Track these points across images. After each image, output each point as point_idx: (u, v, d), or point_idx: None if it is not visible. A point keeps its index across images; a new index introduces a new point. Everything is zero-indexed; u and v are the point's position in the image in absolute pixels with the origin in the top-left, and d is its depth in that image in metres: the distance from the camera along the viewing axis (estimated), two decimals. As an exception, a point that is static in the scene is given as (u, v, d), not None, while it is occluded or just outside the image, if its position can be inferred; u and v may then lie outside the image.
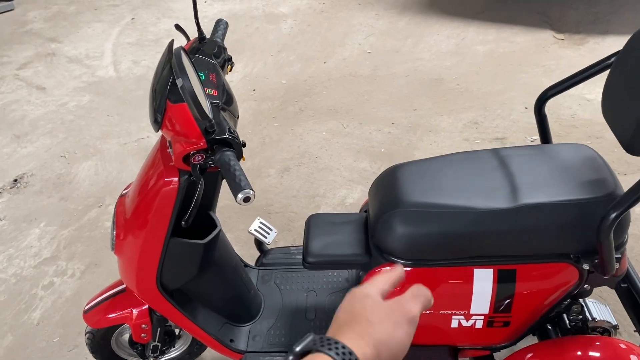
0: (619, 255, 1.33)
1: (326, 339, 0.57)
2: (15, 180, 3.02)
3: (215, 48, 1.44)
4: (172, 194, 1.31)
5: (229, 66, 1.52)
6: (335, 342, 0.56)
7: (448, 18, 4.26)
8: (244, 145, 1.20)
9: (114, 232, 1.48)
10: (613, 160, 2.59)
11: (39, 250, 2.56)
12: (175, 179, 1.30)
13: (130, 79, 3.91)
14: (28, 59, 4.28)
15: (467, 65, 3.63)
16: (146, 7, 4.89)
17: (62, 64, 4.18)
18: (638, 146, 1.24)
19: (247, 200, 1.05)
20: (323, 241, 1.55)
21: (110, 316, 1.65)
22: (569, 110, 3.07)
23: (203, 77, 1.30)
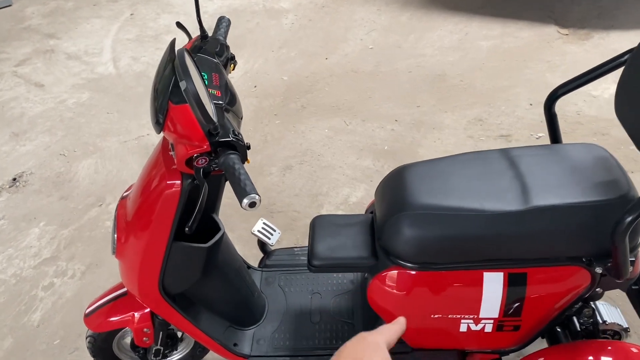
0: (633, 259, 1.30)
1: None
2: (14, 179, 2.99)
3: (217, 46, 1.40)
4: (175, 197, 1.28)
5: (232, 65, 1.48)
6: None
7: (450, 13, 4.21)
8: (248, 147, 1.16)
9: (115, 235, 1.45)
10: (620, 158, 2.52)
11: (38, 250, 2.53)
12: (178, 181, 1.27)
13: (130, 76, 3.87)
14: (26, 55, 4.23)
15: (471, 60, 3.59)
16: (145, 3, 4.84)
17: (60, 60, 4.13)
18: None
19: (252, 205, 1.02)
20: (328, 243, 1.51)
21: (111, 320, 1.62)
22: (575, 107, 3.04)
23: (206, 76, 1.27)
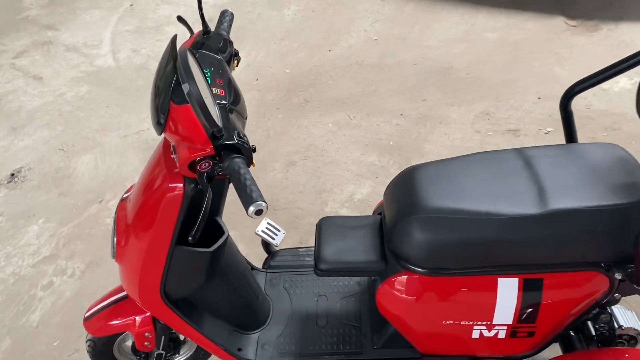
0: None
1: None
2: (13, 174, 2.93)
3: (220, 42, 1.34)
4: (177, 201, 1.22)
5: (236, 61, 1.42)
6: None
7: (455, 3, 4.13)
8: (254, 150, 1.10)
9: (115, 238, 1.40)
10: (632, 153, 2.50)
11: (37, 248, 2.49)
12: (180, 185, 1.21)
13: (129, 69, 3.80)
14: (24, 47, 4.16)
15: (477, 53, 3.52)
16: (145, -7, 4.76)
17: (59, 52, 4.06)
18: None
19: (259, 213, 0.96)
20: (336, 247, 1.46)
21: (111, 324, 1.58)
22: (584, 101, 2.97)
23: (209, 74, 1.21)
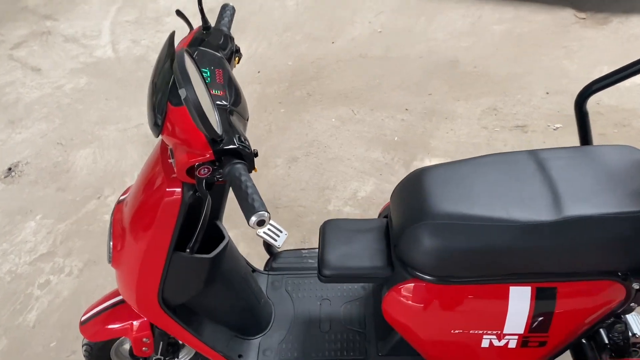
0: None
1: None
2: (10, 169, 2.88)
3: (221, 38, 1.28)
4: (175, 206, 1.17)
5: (237, 58, 1.36)
6: None
7: (462, -6, 4.05)
8: (255, 155, 1.05)
9: (111, 242, 1.34)
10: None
11: (34, 245, 2.44)
12: (179, 189, 1.16)
13: (129, 60, 3.73)
14: (22, 37, 4.09)
15: (484, 46, 3.44)
16: (145, -17, 4.67)
17: (58, 43, 3.99)
18: None
19: (261, 224, 0.91)
20: (340, 251, 1.41)
21: (108, 329, 1.52)
22: (594, 97, 2.88)
23: (208, 74, 1.15)
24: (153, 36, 3.93)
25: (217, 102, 1.10)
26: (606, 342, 1.42)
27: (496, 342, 1.35)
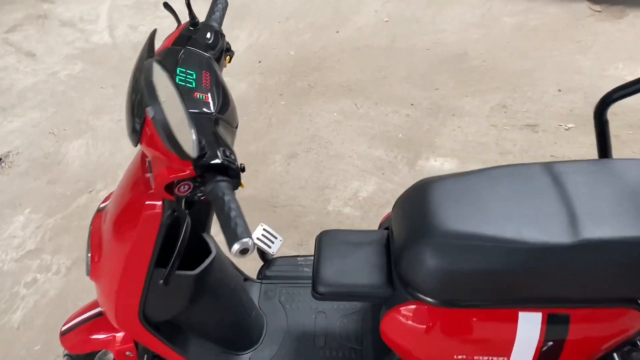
0: None
1: None
2: (0, 159, 2.79)
3: (210, 35, 1.17)
4: (155, 221, 1.07)
5: (228, 57, 1.25)
6: None
7: (472, -17, 3.90)
8: (242, 170, 0.94)
9: (89, 254, 1.25)
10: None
11: (22, 241, 2.35)
12: (159, 203, 1.06)
13: (126, 46, 3.62)
14: (18, 21, 3.98)
15: (494, 39, 3.31)
16: (145, -35, 4.53)
17: (54, 27, 3.88)
18: None
19: (244, 252, 0.81)
20: (336, 266, 1.31)
21: (90, 340, 1.44)
22: (608, 95, 2.77)
23: (194, 76, 1.04)
24: (152, 22, 3.81)
25: (203, 110, 0.99)
26: (619, 366, 1.33)
27: (502, 369, 1.25)
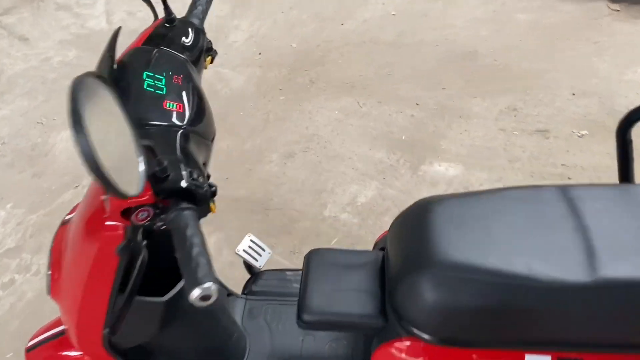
0: None
1: None
2: (-15, 149, 2.67)
3: (188, 34, 1.04)
4: (116, 243, 0.94)
5: (209, 58, 1.12)
6: None
7: (485, -23, 3.74)
8: (213, 194, 0.81)
9: (49, 271, 1.13)
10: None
11: (2, 238, 2.24)
12: (121, 224, 0.93)
13: (123, 33, 3.41)
14: (13, 3, 3.85)
15: (506, 36, 3.15)
16: (147, -51, 4.38)
17: (49, 11, 3.74)
18: None
19: (206, 299, 0.68)
20: (325, 291, 1.19)
21: (59, 356, 1.33)
22: (625, 100, 2.62)
23: (163, 82, 0.91)
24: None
25: (171, 122, 0.86)
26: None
27: (504, 413, 1.13)
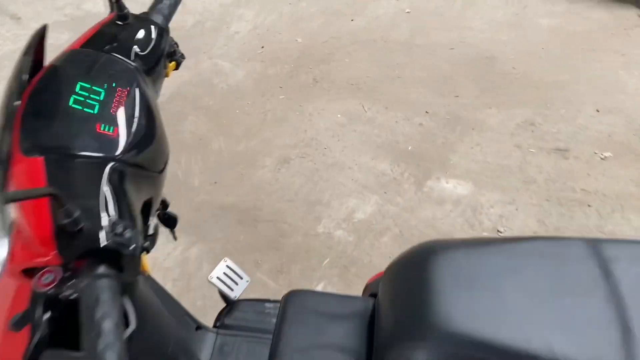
0: None
1: None
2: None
3: (144, 34, 0.84)
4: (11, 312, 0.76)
5: (173, 63, 0.92)
6: None
7: (508, -23, 3.50)
8: (146, 250, 0.62)
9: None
10: None
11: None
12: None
13: (119, 17, 3.28)
14: (8, -21, 3.66)
15: (528, 42, 2.93)
16: None
17: (45, -11, 3.55)
18: None
19: None
20: (300, 346, 1.00)
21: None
22: (654, 120, 2.41)
23: (102, 96, 0.71)
24: (151, -8, 3.47)
25: (99, 153, 0.66)
26: None
27: None
